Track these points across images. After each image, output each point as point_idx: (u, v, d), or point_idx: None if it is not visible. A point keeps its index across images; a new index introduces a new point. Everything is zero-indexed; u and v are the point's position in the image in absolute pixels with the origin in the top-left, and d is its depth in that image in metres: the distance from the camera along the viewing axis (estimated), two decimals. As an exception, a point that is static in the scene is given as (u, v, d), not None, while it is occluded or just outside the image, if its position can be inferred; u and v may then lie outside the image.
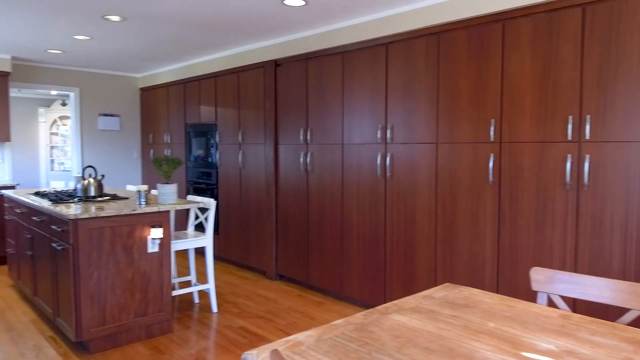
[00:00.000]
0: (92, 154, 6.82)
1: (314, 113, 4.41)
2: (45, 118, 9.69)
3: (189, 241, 3.74)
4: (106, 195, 3.90)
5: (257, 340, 3.35)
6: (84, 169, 3.88)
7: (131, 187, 4.90)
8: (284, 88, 4.75)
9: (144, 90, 7.16)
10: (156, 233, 3.29)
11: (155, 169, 3.48)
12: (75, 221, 3.00)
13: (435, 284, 3.54)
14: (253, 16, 3.95)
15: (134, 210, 3.21)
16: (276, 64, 4.82)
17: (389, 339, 1.36)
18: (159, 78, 6.75)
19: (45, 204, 3.46)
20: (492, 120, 3.12)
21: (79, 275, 3.02)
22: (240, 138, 5.27)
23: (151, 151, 7.01)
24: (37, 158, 9.71)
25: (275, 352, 1.01)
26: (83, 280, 3.03)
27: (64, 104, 9.57)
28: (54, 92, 8.93)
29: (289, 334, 3.46)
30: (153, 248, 3.33)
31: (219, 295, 4.36)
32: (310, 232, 4.49)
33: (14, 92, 9.01)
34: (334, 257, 4.26)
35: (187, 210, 5.68)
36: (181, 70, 6.24)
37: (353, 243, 4.10)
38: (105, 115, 6.94)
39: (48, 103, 9.73)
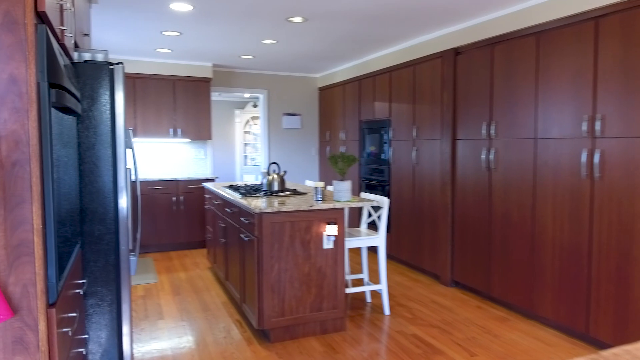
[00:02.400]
0: (277, 151, 7.37)
1: (499, 104, 3.94)
2: (240, 118, 10.90)
3: (362, 239, 3.68)
4: (287, 190, 4.09)
5: (432, 353, 3.10)
6: (269, 166, 4.13)
7: (309, 183, 5.10)
8: (464, 78, 4.36)
9: (322, 89, 7.45)
10: (331, 230, 3.29)
11: (331, 166, 3.49)
12: (260, 215, 3.17)
13: (661, 314, 2.81)
14: (433, 3, 3.69)
15: (311, 206, 3.27)
16: (456, 52, 4.46)
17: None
18: (335, 77, 6.93)
19: (236, 196, 3.76)
20: None
21: (262, 266, 3.19)
22: (414, 134, 5.05)
23: (327, 148, 7.25)
24: (233, 154, 10.99)
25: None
26: (265, 271, 3.19)
27: (255, 105, 10.61)
28: (247, 95, 9.97)
29: (468, 351, 3.14)
30: (328, 244, 3.35)
31: (391, 296, 4.23)
32: (493, 237, 4.04)
33: (214, 96, 10.33)
34: (522, 268, 3.75)
35: (360, 208, 5.69)
36: (356, 67, 6.29)
37: (547, 254, 3.53)
38: (289, 114, 7.41)
39: (242, 105, 10.91)
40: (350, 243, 3.62)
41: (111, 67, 2.13)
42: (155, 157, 6.59)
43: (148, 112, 6.22)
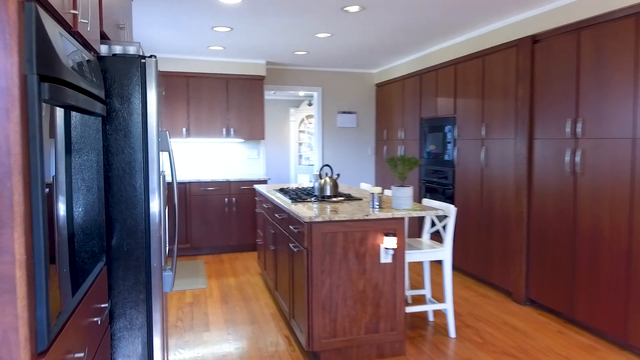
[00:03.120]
0: (331, 151, 7.05)
1: (587, 99, 3.39)
2: (294, 117, 10.71)
3: (425, 252, 3.27)
4: (341, 195, 3.76)
5: (507, 388, 2.66)
6: (320, 168, 3.82)
7: (365, 186, 4.74)
8: (543, 69, 3.83)
9: (379, 85, 7.05)
10: (390, 242, 2.92)
11: (390, 169, 3.12)
12: (310, 224, 2.86)
13: None
14: (509, -18, 3.21)
15: (367, 215, 2.92)
16: (533, 40, 3.93)
17: None
18: (394, 72, 6.50)
19: (286, 201, 3.48)
20: None
21: (312, 280, 2.88)
22: (483, 132, 4.55)
23: (385, 147, 6.85)
24: (288, 154, 10.81)
25: None
26: (315, 286, 2.88)
27: (309, 104, 10.36)
28: (301, 93, 9.74)
29: (551, 388, 2.66)
30: (386, 258, 2.98)
31: (456, 315, 3.79)
32: (578, 251, 3.50)
33: (269, 95, 10.19)
34: (614, 290, 3.19)
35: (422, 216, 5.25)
36: (417, 61, 5.84)
37: (648, 275, 2.97)
38: (344, 112, 7.08)
39: (297, 104, 10.70)
40: (411, 256, 3.24)
41: (143, 60, 1.89)
42: (208, 158, 6.48)
43: (201, 111, 6.11)
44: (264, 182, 6.08)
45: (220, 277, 4.93)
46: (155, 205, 1.93)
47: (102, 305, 1.65)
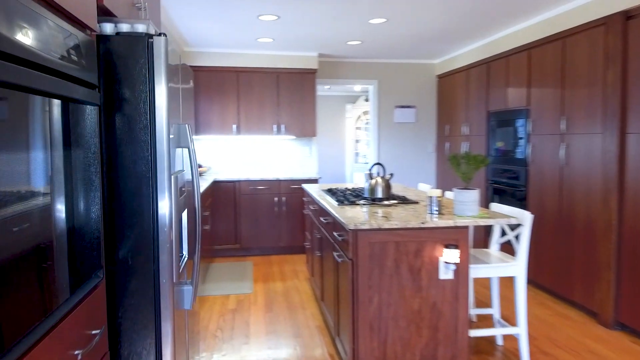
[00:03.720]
0: (387, 148, 6.61)
1: None
2: (351, 114, 10.32)
3: (494, 267, 2.79)
4: (394, 197, 3.34)
5: None
6: (371, 167, 3.42)
7: (423, 187, 4.28)
8: (639, 51, 3.19)
9: (441, 77, 6.50)
10: (450, 256, 2.48)
11: (453, 169, 2.67)
12: (355, 232, 2.48)
13: None
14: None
15: (423, 222, 2.49)
16: (626, 16, 3.30)
17: None
18: (457, 61, 5.94)
19: (332, 204, 3.12)
20: None
21: (358, 297, 2.50)
22: (562, 126, 3.94)
23: (447, 144, 6.30)
24: (343, 152, 10.45)
25: None
26: (362, 303, 2.50)
27: (367, 100, 9.92)
28: (357, 88, 9.34)
29: None
30: (446, 274, 2.54)
31: (530, 338, 3.26)
32: (687, 270, 2.86)
33: (324, 91, 9.87)
34: None
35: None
36: (483, 48, 5.26)
37: None
38: (402, 107, 6.60)
39: (353, 99, 10.31)
40: (476, 272, 2.76)
41: (150, 40, 1.60)
42: (259, 155, 6.26)
43: (251, 107, 5.89)
44: (314, 181, 5.76)
45: (267, 281, 4.67)
46: (166, 208, 1.64)
47: (94, 332, 1.37)
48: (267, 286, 4.52)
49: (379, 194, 3.30)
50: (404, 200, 3.22)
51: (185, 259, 1.99)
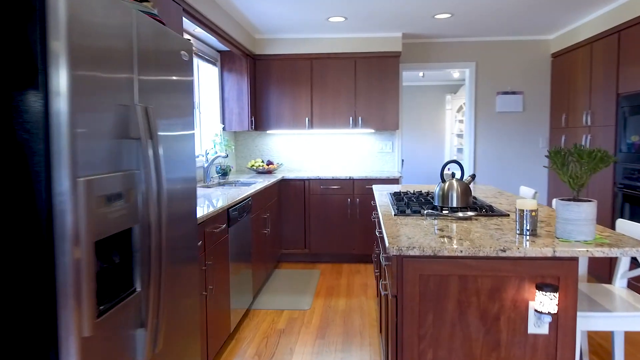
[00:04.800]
0: (486, 142, 5.59)
1: None
2: (451, 105, 9.26)
3: (618, 318, 1.86)
4: (475, 206, 2.50)
5: None
6: (443, 165, 2.62)
7: (525, 191, 3.34)
8: None
9: (556, 55, 5.31)
10: (546, 302, 1.64)
11: (554, 170, 1.82)
12: (400, 258, 1.75)
13: None
14: None
15: (504, 249, 1.68)
16: None
17: None
18: (577, 34, 4.75)
19: (388, 213, 2.40)
20: None
21: (403, 348, 1.77)
22: None
23: (563, 137, 5.12)
24: (442, 147, 9.44)
25: None
26: (407, 358, 1.77)
27: (467, 88, 8.80)
28: (456, 75, 8.28)
29: None
30: (538, 327, 1.70)
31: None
32: None
33: (417, 80, 8.93)
34: None
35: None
36: (613, 13, 4.06)
37: None
38: (505, 93, 5.54)
39: (455, 89, 9.25)
40: (588, 323, 1.86)
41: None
42: (334, 151, 5.66)
43: (326, 98, 5.30)
44: (395, 181, 5.00)
45: (329, 296, 4.05)
46: (67, 227, 1.09)
47: None
48: (328, 302, 3.90)
49: (454, 201, 2.49)
50: (488, 212, 2.38)
51: (138, 291, 1.45)
